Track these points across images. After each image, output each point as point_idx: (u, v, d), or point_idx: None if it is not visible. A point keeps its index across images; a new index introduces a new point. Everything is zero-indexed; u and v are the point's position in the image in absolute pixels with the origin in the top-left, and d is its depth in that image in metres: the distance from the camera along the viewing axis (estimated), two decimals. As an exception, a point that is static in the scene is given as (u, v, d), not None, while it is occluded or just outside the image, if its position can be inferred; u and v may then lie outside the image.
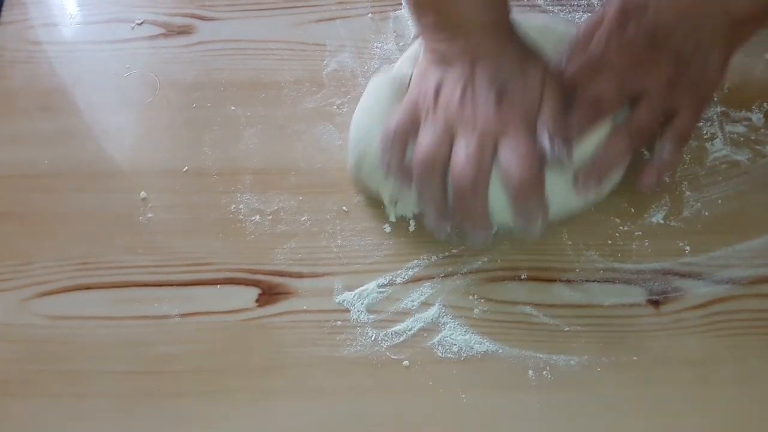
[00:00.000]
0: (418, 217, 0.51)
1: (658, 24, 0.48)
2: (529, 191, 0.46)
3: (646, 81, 0.48)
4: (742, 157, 0.54)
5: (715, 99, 0.56)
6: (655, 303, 0.49)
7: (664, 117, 0.49)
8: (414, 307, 0.49)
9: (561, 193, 0.48)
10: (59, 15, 0.63)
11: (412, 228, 0.51)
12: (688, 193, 0.52)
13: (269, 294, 0.50)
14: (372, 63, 0.59)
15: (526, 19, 0.51)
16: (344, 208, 0.53)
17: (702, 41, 0.47)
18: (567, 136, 0.46)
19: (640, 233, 0.51)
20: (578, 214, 0.51)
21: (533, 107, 0.46)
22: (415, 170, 0.47)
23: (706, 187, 0.52)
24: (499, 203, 0.47)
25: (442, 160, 0.47)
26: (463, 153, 0.46)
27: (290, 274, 0.51)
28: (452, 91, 0.47)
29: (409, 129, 0.48)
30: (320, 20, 0.61)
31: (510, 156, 0.45)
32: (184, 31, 0.61)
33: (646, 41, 0.48)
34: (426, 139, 0.47)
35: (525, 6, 0.62)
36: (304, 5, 0.62)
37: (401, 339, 0.48)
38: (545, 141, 0.45)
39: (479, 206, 0.47)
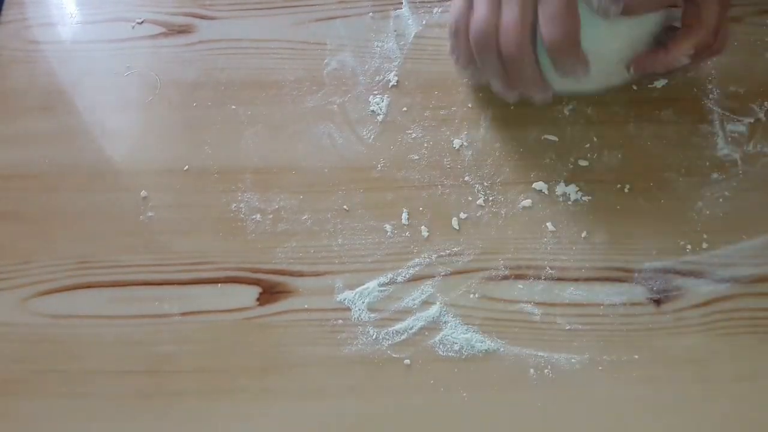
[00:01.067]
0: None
1: None
2: (565, 50, 0.47)
3: None
4: (742, 156, 0.53)
5: (717, 98, 0.56)
6: (656, 302, 0.49)
7: None
8: (415, 306, 0.49)
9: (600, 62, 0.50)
10: (59, 14, 0.63)
11: (425, 234, 0.51)
12: (689, 192, 0.52)
13: (270, 293, 0.50)
14: (372, 62, 0.59)
15: None
16: (345, 206, 0.53)
17: None
18: None
19: (642, 231, 0.51)
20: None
21: None
22: (473, 47, 0.50)
23: (706, 186, 0.52)
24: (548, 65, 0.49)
25: (493, 31, 0.48)
26: (506, 19, 0.48)
27: (291, 273, 0.51)
28: None
29: (467, 13, 0.50)
30: (321, 19, 0.61)
31: (546, 16, 0.47)
32: (184, 30, 0.61)
33: None
34: (477, 15, 0.49)
35: None
36: (304, 4, 0.62)
37: (402, 338, 0.48)
38: None
39: (529, 68, 0.49)
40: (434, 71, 0.58)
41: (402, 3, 0.61)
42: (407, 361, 0.47)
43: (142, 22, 0.62)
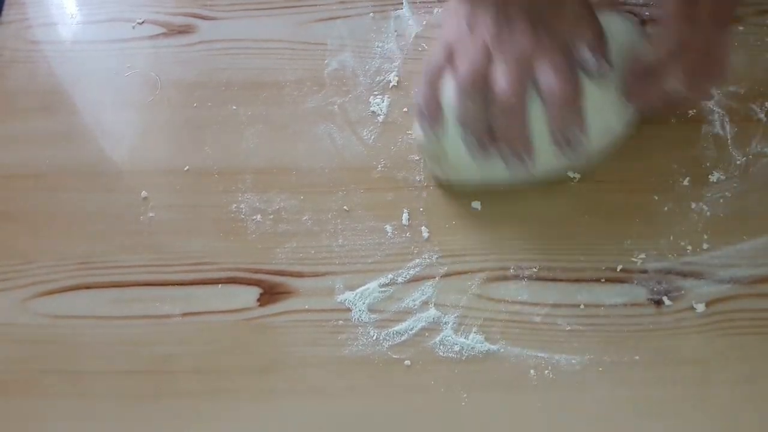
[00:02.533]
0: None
1: None
2: (569, 105, 0.46)
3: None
4: (743, 156, 0.53)
5: (717, 98, 0.56)
6: (657, 302, 0.49)
7: None
8: (415, 307, 0.49)
9: (598, 122, 0.49)
10: (59, 15, 0.63)
11: (425, 235, 0.51)
12: (689, 192, 0.52)
13: (270, 293, 0.50)
14: (373, 62, 0.59)
15: None
16: (345, 207, 0.53)
17: None
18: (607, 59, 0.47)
19: (643, 232, 0.51)
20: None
21: (571, 35, 0.47)
22: (458, 88, 0.48)
23: (707, 186, 0.52)
24: (541, 142, 0.48)
25: (482, 78, 0.47)
26: (502, 73, 0.46)
27: (291, 274, 0.51)
28: (485, 22, 0.47)
29: (445, 65, 0.49)
30: (321, 19, 0.61)
31: (548, 73, 0.46)
32: (185, 30, 0.61)
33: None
34: (465, 62, 0.48)
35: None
36: (305, 5, 0.62)
37: (402, 338, 0.48)
38: (586, 54, 0.46)
39: (520, 124, 0.47)
40: (435, 71, 0.58)
41: (402, 3, 0.61)
42: (407, 362, 0.47)
43: (142, 22, 0.62)
